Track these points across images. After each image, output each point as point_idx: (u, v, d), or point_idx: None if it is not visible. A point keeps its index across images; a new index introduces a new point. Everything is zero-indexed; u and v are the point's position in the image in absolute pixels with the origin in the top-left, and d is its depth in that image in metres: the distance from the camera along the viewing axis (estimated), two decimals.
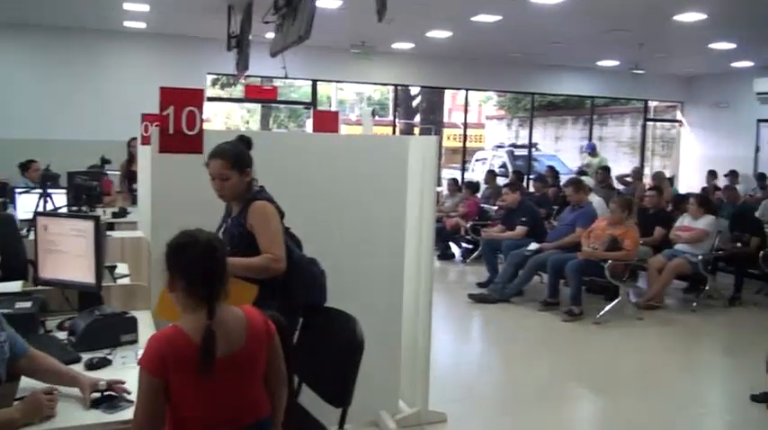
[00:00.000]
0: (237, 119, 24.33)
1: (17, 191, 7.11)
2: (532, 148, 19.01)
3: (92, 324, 3.13)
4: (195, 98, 3.88)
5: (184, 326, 2.32)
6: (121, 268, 4.48)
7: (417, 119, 25.70)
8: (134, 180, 8.24)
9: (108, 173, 8.76)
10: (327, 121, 6.53)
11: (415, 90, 23.95)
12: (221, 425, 2.37)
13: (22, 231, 5.31)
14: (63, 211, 6.22)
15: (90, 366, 2.86)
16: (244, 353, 2.39)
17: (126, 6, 10.71)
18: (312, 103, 15.91)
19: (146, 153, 5.23)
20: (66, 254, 3.53)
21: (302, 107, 18.87)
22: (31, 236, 3.96)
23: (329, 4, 9.68)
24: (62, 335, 3.26)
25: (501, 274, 8.58)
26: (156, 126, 3.90)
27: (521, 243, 8.70)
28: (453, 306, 8.26)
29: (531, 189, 12.85)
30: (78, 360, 2.93)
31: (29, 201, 6.65)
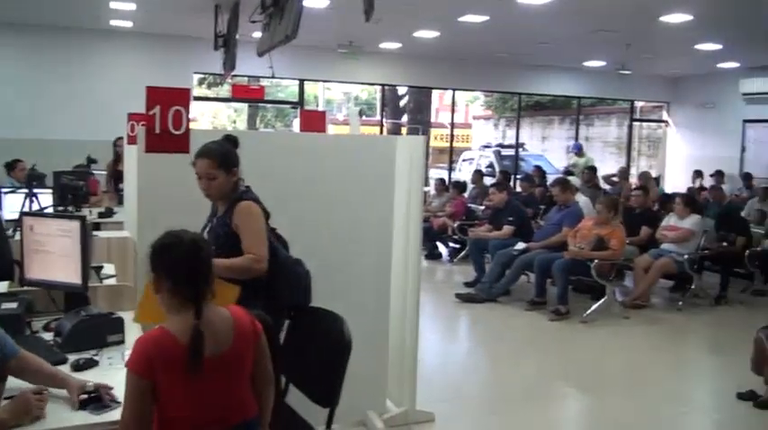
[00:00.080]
0: (224, 118, 24.25)
1: (3, 190, 7.04)
2: (519, 148, 19.07)
3: (78, 325, 3.12)
4: (182, 97, 3.86)
5: (171, 328, 2.31)
6: (108, 268, 4.45)
7: (405, 119, 25.70)
8: (120, 180, 8.19)
9: (94, 172, 8.71)
10: (314, 121, 6.53)
11: (402, 90, 23.94)
12: (209, 424, 2.36)
13: (8, 231, 5.27)
14: (49, 211, 6.18)
15: (76, 367, 2.85)
16: (231, 353, 2.39)
17: (112, 5, 10.66)
18: (299, 102, 15.90)
19: (132, 152, 5.22)
20: (53, 254, 3.51)
21: (289, 107, 18.87)
22: (17, 236, 3.93)
23: (316, 3, 9.66)
24: (48, 336, 3.25)
25: (488, 274, 8.60)
26: (143, 125, 3.88)
27: (508, 242, 8.72)
28: (441, 305, 8.27)
29: (518, 189, 12.90)
30: (65, 361, 2.91)
31: (15, 201, 6.59)
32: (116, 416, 2.39)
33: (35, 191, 6.53)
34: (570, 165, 15.39)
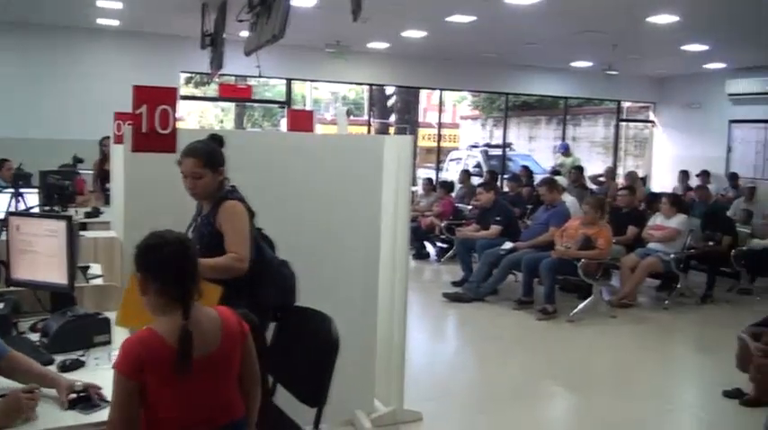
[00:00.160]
0: (212, 118, 24.17)
1: None
2: (506, 148, 19.10)
3: (64, 325, 3.10)
4: (168, 96, 3.86)
5: (158, 329, 2.31)
6: (94, 268, 4.42)
7: (392, 118, 25.71)
8: (107, 179, 8.15)
9: (81, 172, 8.66)
10: (302, 121, 6.53)
11: (390, 90, 23.96)
12: (197, 425, 2.36)
13: None
14: (35, 211, 6.15)
15: (63, 368, 2.83)
16: (219, 354, 2.39)
17: (99, 3, 10.59)
18: (287, 102, 15.87)
19: (119, 152, 5.18)
20: (39, 254, 3.49)
21: (277, 106, 18.82)
22: (3, 236, 3.90)
23: (304, 2, 9.65)
24: (35, 336, 3.23)
25: (475, 273, 8.62)
26: (130, 125, 3.87)
27: (495, 242, 8.74)
28: (428, 305, 8.27)
29: (506, 188, 12.93)
30: (51, 362, 2.89)
31: (1, 201, 6.55)
32: (105, 415, 2.38)
33: (21, 190, 6.49)
34: (557, 165, 15.43)
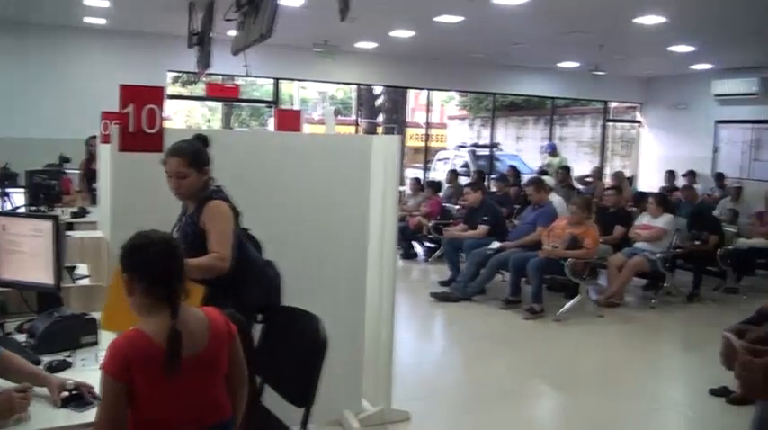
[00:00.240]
0: (199, 117, 24.12)
1: None
2: (494, 148, 19.12)
3: (51, 326, 3.09)
4: (156, 96, 3.85)
5: (146, 329, 2.30)
6: (81, 269, 4.41)
7: (380, 118, 25.69)
8: (94, 179, 8.12)
9: (67, 171, 8.63)
10: (290, 120, 6.53)
11: (377, 89, 23.93)
12: (185, 425, 2.36)
13: None
14: (22, 211, 6.13)
15: (50, 369, 2.81)
16: (207, 354, 2.39)
17: (86, 2, 10.55)
18: (274, 101, 15.83)
19: (106, 151, 5.17)
20: (25, 254, 3.47)
21: (264, 106, 18.77)
22: None
23: (292, 2, 9.64)
24: (22, 337, 3.21)
25: (463, 273, 8.63)
26: (116, 124, 3.85)
27: (482, 242, 8.75)
28: (416, 305, 8.27)
29: (493, 188, 12.93)
30: (38, 363, 2.87)
31: None
32: None
33: (8, 190, 6.48)
34: (545, 165, 15.47)
